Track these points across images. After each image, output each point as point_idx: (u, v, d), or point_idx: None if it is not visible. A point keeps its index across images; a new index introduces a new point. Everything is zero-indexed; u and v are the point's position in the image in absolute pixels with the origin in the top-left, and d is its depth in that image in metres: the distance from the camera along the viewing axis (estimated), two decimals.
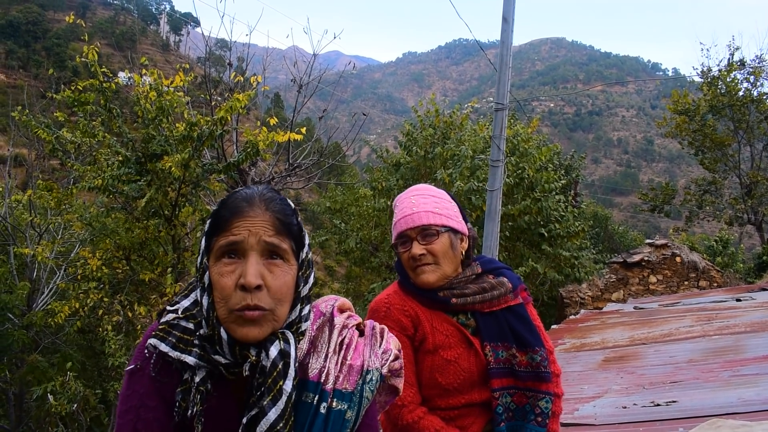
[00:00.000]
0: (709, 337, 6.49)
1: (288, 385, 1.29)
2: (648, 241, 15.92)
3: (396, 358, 1.49)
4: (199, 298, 1.38)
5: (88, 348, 12.39)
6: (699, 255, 15.57)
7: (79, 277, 9.45)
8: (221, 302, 1.30)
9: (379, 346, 1.48)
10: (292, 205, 1.44)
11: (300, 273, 1.39)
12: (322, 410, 1.34)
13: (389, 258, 13.42)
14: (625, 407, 4.15)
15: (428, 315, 2.21)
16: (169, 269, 8.50)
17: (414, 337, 2.18)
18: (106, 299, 9.14)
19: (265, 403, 1.27)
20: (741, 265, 21.22)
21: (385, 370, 1.45)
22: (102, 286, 9.09)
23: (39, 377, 10.31)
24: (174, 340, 1.35)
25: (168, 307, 1.44)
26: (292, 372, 1.31)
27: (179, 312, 1.41)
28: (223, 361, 1.31)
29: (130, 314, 9.33)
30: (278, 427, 1.26)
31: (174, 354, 1.33)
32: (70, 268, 11.51)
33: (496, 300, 2.22)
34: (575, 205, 19.30)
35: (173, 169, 7.71)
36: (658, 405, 4.05)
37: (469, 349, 2.17)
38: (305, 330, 1.43)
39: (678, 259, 14.69)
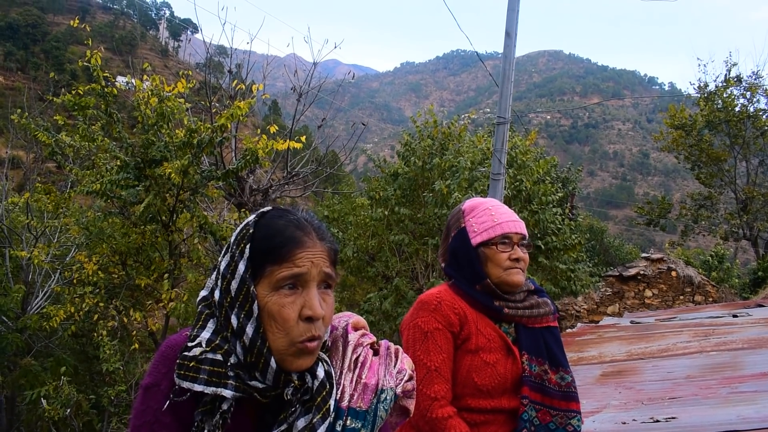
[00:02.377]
0: (707, 353, 6.48)
1: (333, 404, 1.32)
2: (644, 254, 15.95)
3: (410, 378, 1.48)
4: (243, 325, 1.31)
5: (82, 353, 12.35)
6: (694, 270, 15.60)
7: (74, 281, 9.42)
8: (280, 333, 1.28)
9: (394, 366, 1.47)
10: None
11: None
12: (338, 428, 1.33)
13: (386, 268, 13.39)
14: (624, 423, 4.14)
15: (475, 316, 2.29)
16: (166, 275, 8.48)
17: (458, 334, 2.25)
18: (101, 304, 9.10)
19: (315, 420, 1.28)
20: (736, 281, 21.25)
21: (399, 390, 1.44)
22: (98, 290, 9.05)
23: (32, 381, 10.26)
24: (206, 377, 1.30)
25: (189, 344, 1.35)
26: (335, 391, 1.34)
27: (203, 345, 1.34)
28: (260, 386, 1.30)
29: (125, 319, 9.30)
30: None
31: (209, 390, 1.29)
32: (65, 271, 11.49)
33: (540, 317, 2.33)
34: (572, 218, 19.33)
35: (173, 175, 7.69)
36: (658, 421, 4.04)
37: (507, 355, 2.25)
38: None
39: (674, 273, 14.71)
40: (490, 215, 2.36)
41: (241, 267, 1.32)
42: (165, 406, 1.32)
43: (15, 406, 11.77)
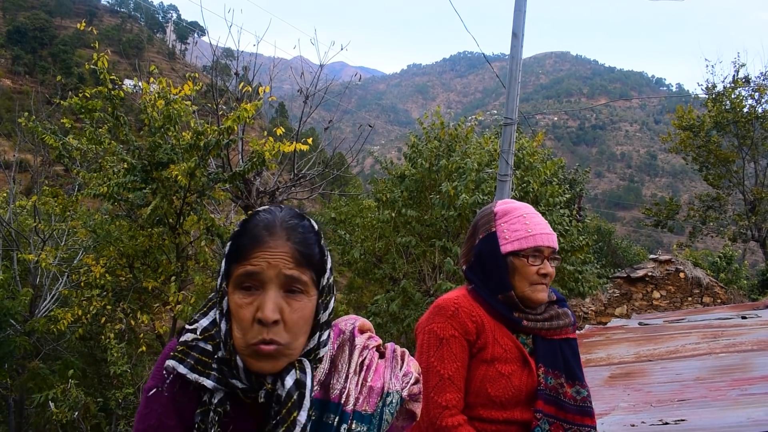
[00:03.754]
0: (716, 355, 6.45)
1: (302, 416, 1.28)
2: (652, 256, 15.89)
3: (416, 381, 1.47)
4: (218, 321, 1.36)
5: (89, 355, 12.37)
6: (703, 271, 15.54)
7: (82, 284, 9.44)
8: (239, 333, 1.28)
9: (400, 369, 1.46)
10: (316, 227, 1.40)
11: (320, 300, 1.35)
12: (344, 430, 1.32)
13: (393, 270, 13.37)
14: (633, 425, 4.11)
15: (492, 325, 2.22)
16: (173, 278, 8.48)
17: (475, 343, 2.18)
18: (108, 307, 9.11)
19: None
20: (745, 282, 21.16)
21: (405, 393, 1.43)
22: (105, 293, 9.06)
23: (40, 384, 10.28)
24: (192, 362, 1.34)
25: (187, 326, 1.41)
26: (307, 403, 1.29)
27: (198, 332, 1.38)
28: (240, 385, 1.30)
29: (132, 322, 9.31)
30: None
31: (192, 376, 1.32)
32: (73, 274, 11.51)
33: (559, 329, 2.26)
34: (579, 220, 19.27)
35: (180, 177, 7.70)
36: (667, 423, 4.01)
37: (523, 367, 2.19)
38: (323, 356, 1.41)
39: (682, 274, 14.65)
40: (524, 224, 2.25)
41: (223, 264, 1.34)
42: (168, 409, 1.34)
43: (23, 409, 11.79)
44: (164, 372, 1.36)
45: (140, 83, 8.98)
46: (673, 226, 24.54)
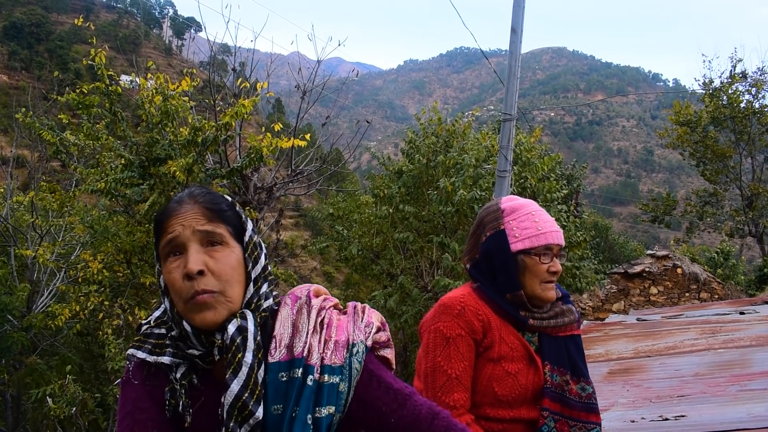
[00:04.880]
0: (715, 351, 6.45)
1: (248, 357, 1.38)
2: (649, 252, 15.88)
3: (378, 330, 1.56)
4: (162, 299, 1.49)
5: (87, 351, 12.35)
6: (700, 267, 15.54)
7: (79, 279, 9.41)
8: (176, 297, 1.40)
9: (362, 321, 1.54)
10: (225, 197, 1.53)
11: (246, 254, 1.48)
12: (309, 382, 1.40)
13: (390, 266, 13.37)
14: (633, 421, 4.11)
15: (499, 324, 2.19)
16: None
17: (481, 342, 2.16)
18: (106, 302, 9.09)
19: (227, 376, 1.36)
20: (742, 278, 21.18)
21: (369, 342, 1.51)
22: (102, 289, 9.04)
23: (37, 380, 10.28)
24: (150, 347, 1.47)
25: (142, 322, 1.55)
26: (251, 344, 1.39)
27: (152, 322, 1.53)
28: (196, 353, 1.41)
29: (130, 318, 9.28)
30: (244, 398, 1.34)
31: (151, 358, 1.45)
32: (70, 270, 11.48)
33: (564, 326, 2.24)
34: (577, 215, 19.29)
35: (177, 173, 7.68)
36: (667, 419, 4.01)
37: (529, 365, 2.17)
38: (270, 308, 1.50)
39: (679, 270, 14.65)
40: (533, 221, 2.22)
41: (155, 250, 1.48)
42: (141, 394, 1.47)
43: (21, 405, 11.79)
44: (127, 361, 1.51)
45: (137, 79, 8.94)
46: (670, 221, 24.57)
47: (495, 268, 2.23)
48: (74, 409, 8.67)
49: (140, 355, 1.46)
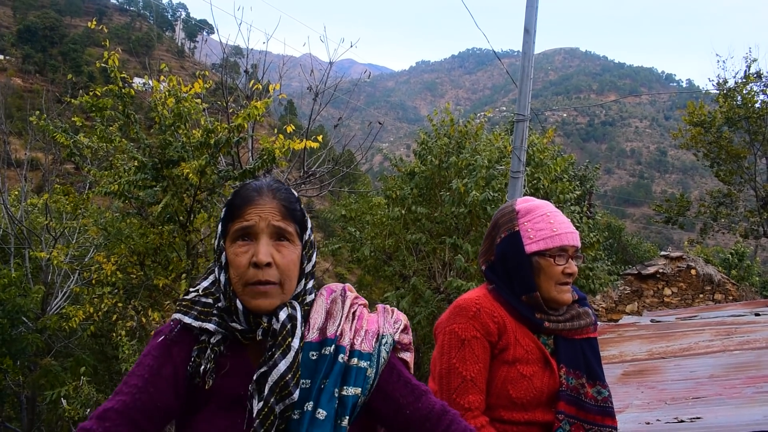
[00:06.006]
0: (730, 352, 6.40)
1: (296, 343, 1.52)
2: (663, 253, 15.79)
3: (405, 329, 1.70)
4: (217, 276, 1.61)
5: (101, 353, 12.43)
6: (714, 268, 15.43)
7: (93, 281, 9.48)
8: (237, 278, 1.53)
9: (392, 317, 1.70)
10: (296, 194, 1.65)
11: (304, 252, 1.62)
12: (341, 360, 1.54)
13: (403, 267, 13.37)
14: (648, 423, 4.09)
15: (514, 326, 2.18)
16: (183, 275, 8.49)
17: (496, 344, 2.15)
18: (120, 304, 9.13)
19: (276, 356, 1.48)
20: (757, 279, 21.04)
21: (397, 337, 1.66)
22: (116, 291, 9.08)
23: (52, 381, 10.32)
24: (196, 313, 1.59)
25: (190, 289, 1.67)
26: (298, 332, 1.54)
27: (200, 291, 1.64)
28: (239, 327, 1.54)
29: (144, 320, 9.32)
30: (287, 378, 1.47)
31: (197, 324, 1.57)
32: (84, 272, 11.56)
33: (580, 329, 2.23)
34: (590, 216, 19.20)
35: (190, 175, 7.70)
36: (683, 421, 3.98)
37: (545, 368, 2.16)
38: (311, 301, 1.64)
39: (693, 271, 14.56)
40: (548, 222, 2.20)
41: (219, 227, 1.61)
42: (167, 349, 1.57)
43: (35, 406, 11.86)
44: (171, 322, 1.61)
45: (150, 81, 8.97)
46: (683, 222, 24.39)
47: (510, 269, 2.22)
48: (88, 410, 8.72)
49: (187, 320, 1.58)
